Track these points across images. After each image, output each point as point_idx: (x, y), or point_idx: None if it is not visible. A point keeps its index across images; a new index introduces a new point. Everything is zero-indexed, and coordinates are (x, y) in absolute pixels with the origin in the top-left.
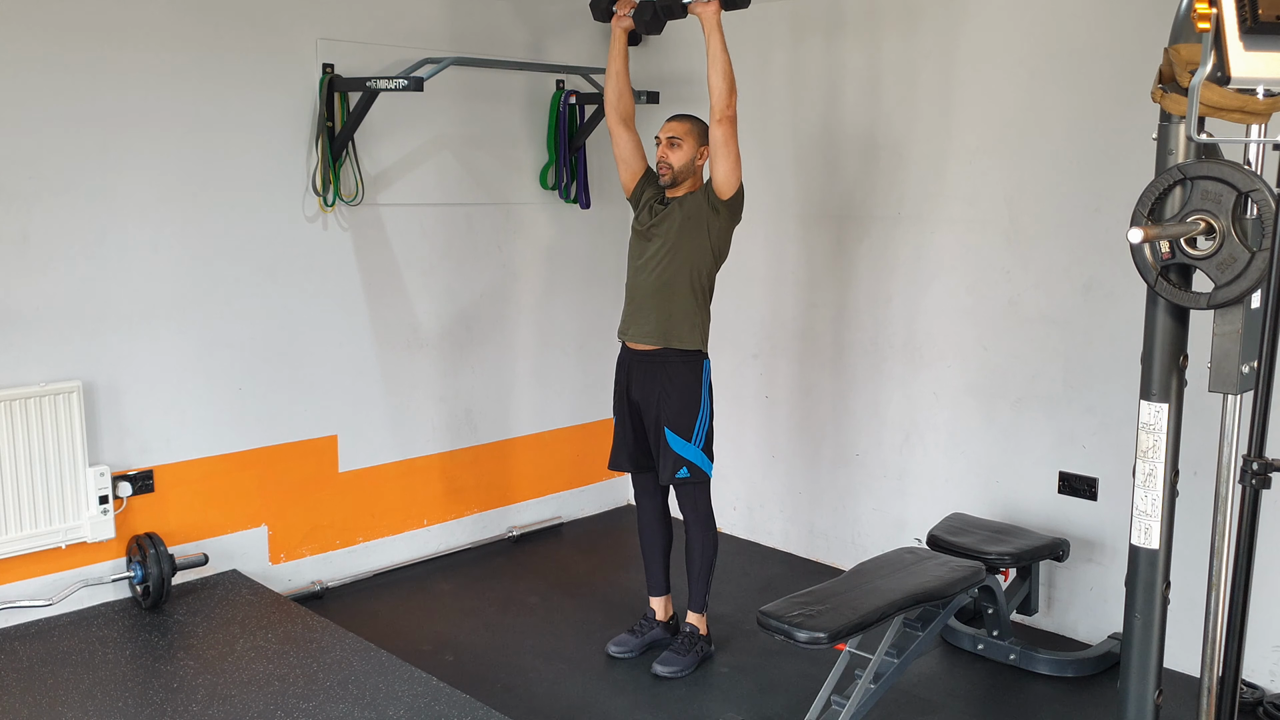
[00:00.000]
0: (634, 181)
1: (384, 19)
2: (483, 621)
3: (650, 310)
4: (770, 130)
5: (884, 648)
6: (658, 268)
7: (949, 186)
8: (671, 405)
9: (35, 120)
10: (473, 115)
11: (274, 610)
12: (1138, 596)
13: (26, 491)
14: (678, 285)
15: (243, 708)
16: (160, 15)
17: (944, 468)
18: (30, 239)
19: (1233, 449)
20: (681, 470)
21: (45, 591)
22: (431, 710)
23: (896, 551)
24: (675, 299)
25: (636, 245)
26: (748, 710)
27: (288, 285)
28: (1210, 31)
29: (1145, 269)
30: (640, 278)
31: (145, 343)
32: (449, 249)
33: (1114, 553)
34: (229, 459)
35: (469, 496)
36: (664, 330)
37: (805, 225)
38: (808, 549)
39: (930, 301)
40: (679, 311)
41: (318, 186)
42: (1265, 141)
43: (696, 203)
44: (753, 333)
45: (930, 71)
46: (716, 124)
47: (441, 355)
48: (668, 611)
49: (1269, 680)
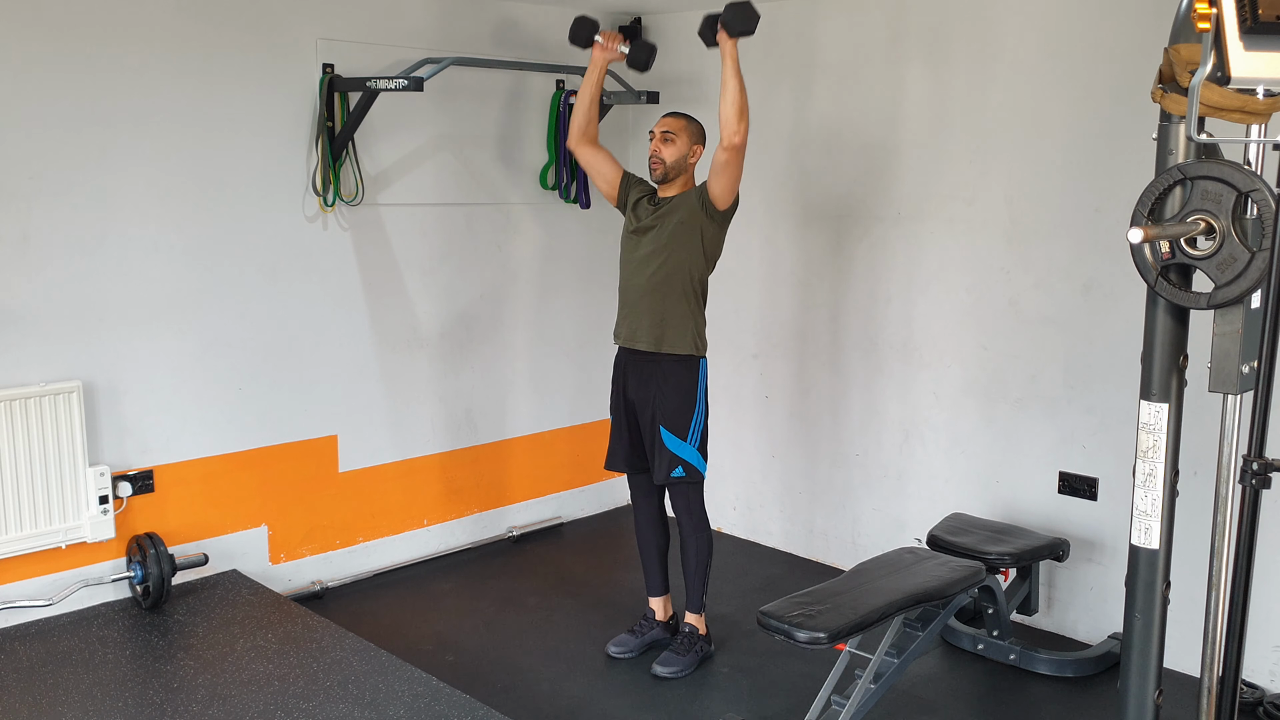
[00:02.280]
0: (614, 190)
1: (384, 19)
2: (483, 621)
3: (644, 314)
4: (769, 130)
5: (884, 648)
6: (650, 270)
7: (948, 186)
8: (668, 404)
9: (35, 120)
10: (472, 115)
11: (274, 610)
12: (1138, 596)
13: (26, 491)
14: (671, 288)
15: (243, 708)
16: (161, 15)
17: (943, 468)
18: (30, 239)
19: (1233, 449)
20: (677, 469)
21: (45, 591)
22: (431, 710)
23: (896, 551)
24: (668, 302)
25: (628, 244)
26: (748, 710)
27: (288, 285)
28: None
29: (1145, 269)
30: (633, 280)
31: (145, 343)
32: (449, 249)
33: (1114, 553)
34: (229, 459)
35: (469, 496)
36: (658, 336)
37: (804, 225)
38: (807, 549)
39: (930, 301)
40: (673, 315)
41: (318, 186)
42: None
43: (689, 205)
44: (752, 333)
45: (930, 71)
46: (722, 149)
47: (441, 355)
48: (667, 612)
49: (1269, 680)
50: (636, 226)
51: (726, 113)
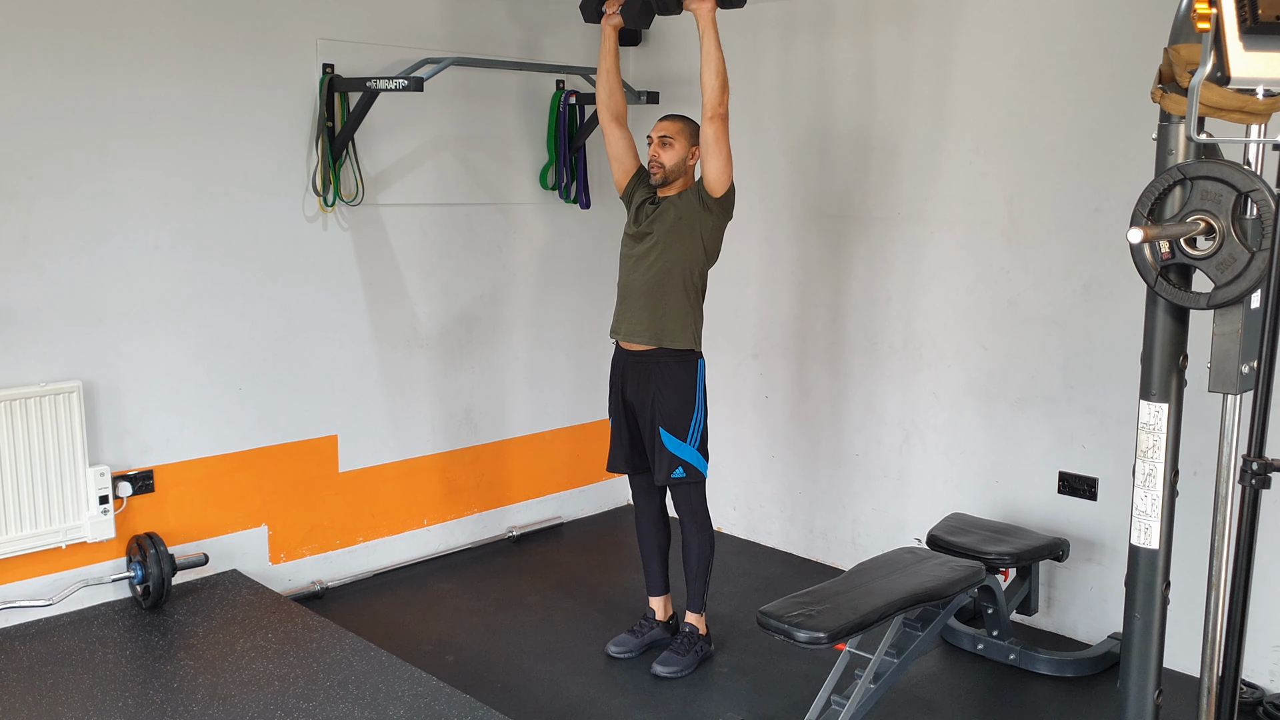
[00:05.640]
0: (626, 179)
1: (384, 19)
2: (483, 621)
3: (642, 309)
4: (768, 130)
5: (884, 648)
6: (650, 266)
7: (948, 186)
8: (666, 405)
9: (35, 120)
10: (473, 115)
11: (274, 610)
12: (1138, 596)
13: (26, 491)
14: (670, 283)
15: (243, 708)
16: (161, 15)
17: (943, 468)
18: (30, 239)
19: (1233, 449)
20: (677, 470)
21: (45, 591)
22: (431, 710)
23: (896, 551)
24: (667, 297)
25: (628, 244)
26: (748, 710)
27: (288, 285)
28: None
29: (1145, 269)
30: (632, 276)
31: (145, 343)
32: (449, 249)
33: (1114, 553)
34: (229, 459)
35: (469, 496)
36: (656, 330)
37: (804, 225)
38: (807, 549)
39: (930, 301)
40: (671, 310)
41: (318, 186)
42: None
43: (688, 201)
44: (751, 333)
45: (929, 71)
46: (708, 121)
47: (441, 355)
48: (667, 611)
49: (1269, 680)
50: (636, 231)
51: (711, 83)
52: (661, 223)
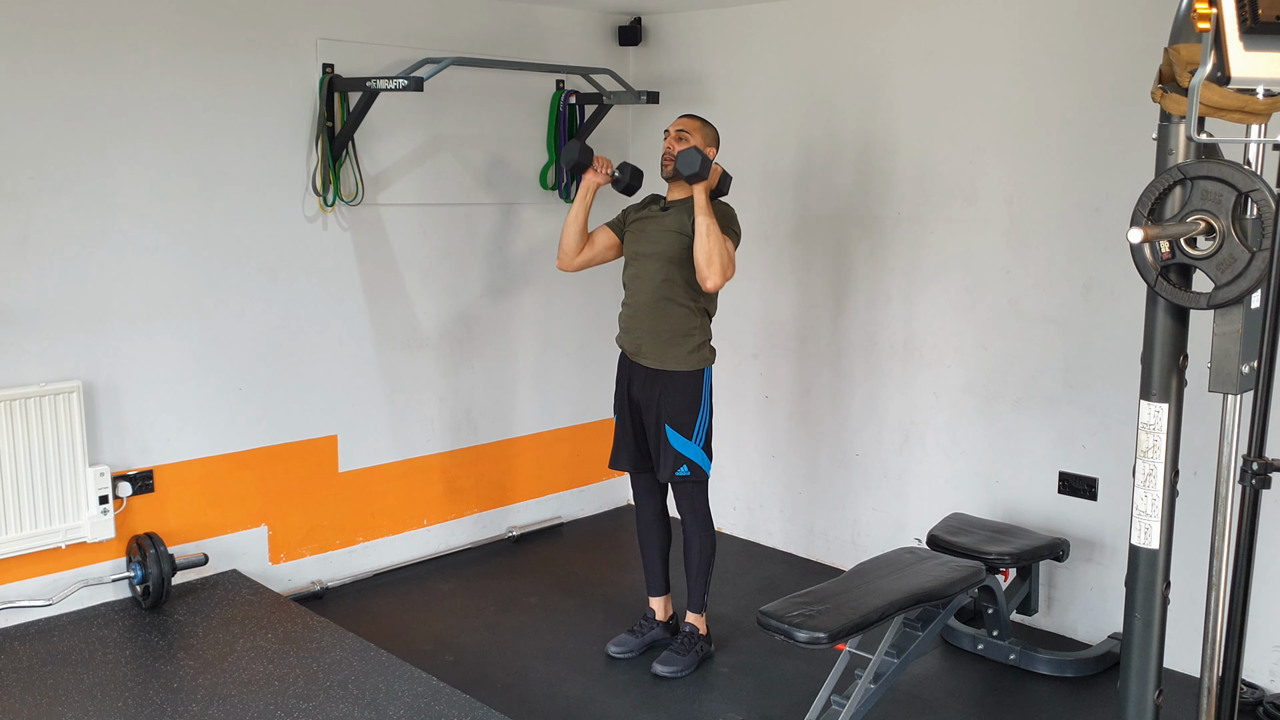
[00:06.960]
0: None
1: (384, 19)
2: (483, 621)
3: (647, 332)
4: (768, 130)
5: (884, 648)
6: (653, 286)
7: (948, 186)
8: (673, 404)
9: (35, 120)
10: (473, 115)
11: (274, 610)
12: (1138, 596)
13: (26, 491)
14: (674, 299)
15: (243, 708)
16: (161, 15)
17: (943, 468)
18: (30, 239)
19: (1233, 449)
20: (681, 468)
21: (45, 591)
22: (431, 710)
23: (896, 551)
24: (672, 315)
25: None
26: (748, 710)
27: (288, 285)
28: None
29: (1145, 269)
30: (638, 297)
31: (145, 343)
32: (449, 249)
33: (1114, 553)
34: (229, 459)
35: (469, 496)
36: (661, 354)
37: (804, 225)
38: (807, 549)
39: (930, 301)
40: (677, 333)
41: (318, 186)
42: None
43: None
44: (752, 333)
45: (930, 71)
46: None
47: (441, 355)
48: (667, 611)
49: (1269, 680)
50: (634, 251)
51: (702, 263)
52: (668, 236)
